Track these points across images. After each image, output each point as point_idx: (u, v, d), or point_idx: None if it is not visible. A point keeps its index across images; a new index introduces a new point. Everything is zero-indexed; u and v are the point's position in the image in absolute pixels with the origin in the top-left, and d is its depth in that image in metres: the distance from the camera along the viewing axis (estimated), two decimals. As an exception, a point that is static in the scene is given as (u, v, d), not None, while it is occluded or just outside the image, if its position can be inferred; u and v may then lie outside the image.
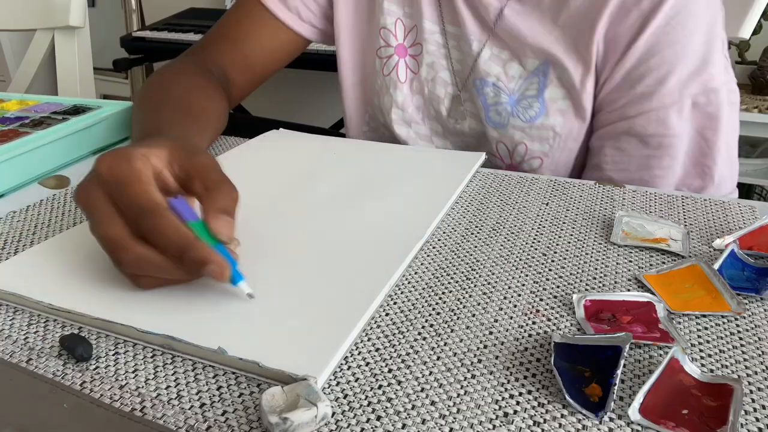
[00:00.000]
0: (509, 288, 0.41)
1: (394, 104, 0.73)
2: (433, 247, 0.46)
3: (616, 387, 0.30)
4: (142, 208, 0.36)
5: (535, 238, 0.47)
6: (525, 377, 0.33)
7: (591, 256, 0.45)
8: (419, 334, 0.36)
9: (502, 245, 0.46)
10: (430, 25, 0.70)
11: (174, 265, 0.36)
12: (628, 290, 0.40)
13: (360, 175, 0.57)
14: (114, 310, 0.37)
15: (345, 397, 0.32)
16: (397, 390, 0.32)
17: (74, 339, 0.35)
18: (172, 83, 0.66)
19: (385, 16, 0.71)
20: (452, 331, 0.37)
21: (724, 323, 0.37)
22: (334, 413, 0.31)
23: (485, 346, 0.35)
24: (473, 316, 0.38)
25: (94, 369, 0.34)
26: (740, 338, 0.36)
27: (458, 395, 0.32)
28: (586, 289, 0.41)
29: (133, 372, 0.34)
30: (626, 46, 0.61)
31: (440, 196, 0.53)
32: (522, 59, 0.65)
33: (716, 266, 0.42)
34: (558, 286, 0.41)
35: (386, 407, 0.31)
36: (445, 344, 0.35)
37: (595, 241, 0.47)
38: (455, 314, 0.38)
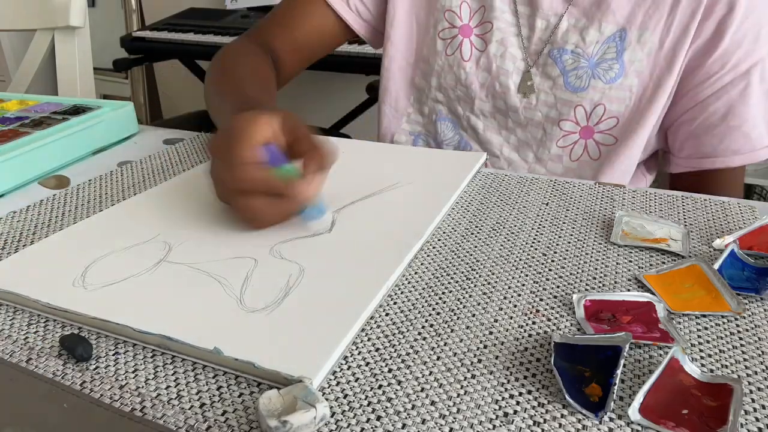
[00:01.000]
0: (509, 288, 0.41)
1: (458, 82, 0.75)
2: (433, 247, 0.46)
3: (616, 387, 0.30)
4: (253, 161, 0.45)
5: (535, 238, 0.47)
6: (525, 377, 0.33)
7: (591, 256, 0.45)
8: (419, 334, 0.36)
9: (502, 245, 0.46)
10: (501, 5, 0.72)
11: (280, 202, 0.46)
12: (628, 290, 0.40)
13: (360, 175, 0.57)
14: (111, 309, 0.37)
15: (345, 397, 0.32)
16: (397, 390, 0.32)
17: (74, 339, 0.35)
18: (241, 63, 0.74)
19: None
20: (452, 331, 0.37)
21: (724, 323, 0.37)
22: (333, 413, 0.31)
23: (485, 346, 0.35)
24: (473, 316, 0.38)
25: (94, 369, 0.34)
26: (740, 338, 0.36)
27: (458, 395, 0.32)
28: (586, 289, 0.41)
29: (133, 372, 0.34)
30: (729, 5, 0.63)
31: (440, 196, 0.53)
32: (601, 25, 0.68)
33: (716, 266, 0.42)
34: (558, 286, 0.41)
35: (386, 407, 0.31)
36: (445, 344, 0.35)
37: (595, 241, 0.47)
38: (455, 314, 0.38)
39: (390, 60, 0.80)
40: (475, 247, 0.46)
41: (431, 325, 0.37)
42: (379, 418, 0.30)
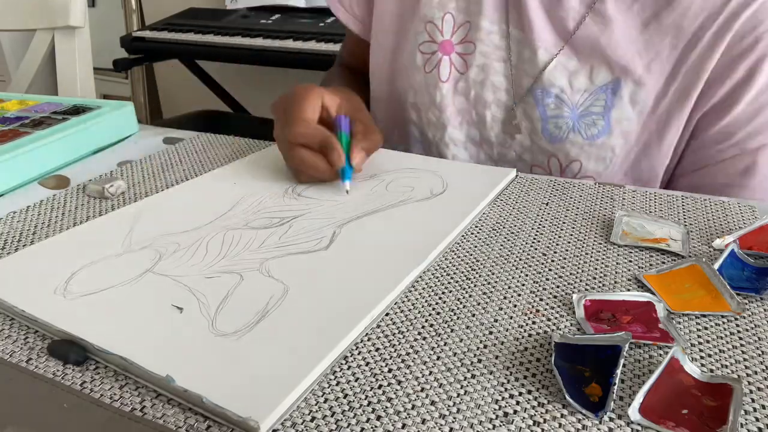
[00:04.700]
0: (509, 288, 0.41)
1: (433, 104, 0.69)
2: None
3: (615, 387, 0.30)
4: (300, 118, 0.54)
5: (535, 238, 0.47)
6: (525, 377, 0.33)
7: (591, 256, 0.45)
8: (419, 334, 0.36)
9: (502, 245, 0.46)
10: (489, 25, 0.65)
11: (319, 161, 0.53)
12: (628, 290, 0.40)
13: (370, 187, 0.54)
14: (81, 322, 0.36)
15: (345, 397, 0.32)
16: (397, 390, 0.32)
17: (63, 346, 0.34)
18: (337, 77, 0.83)
19: (433, 9, 0.67)
20: (452, 331, 0.37)
21: (724, 323, 0.37)
22: (333, 413, 0.31)
23: (485, 346, 0.35)
24: (473, 316, 0.38)
25: (94, 369, 0.34)
26: (740, 338, 0.36)
27: (458, 395, 0.32)
28: (586, 289, 0.41)
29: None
30: (748, 73, 0.57)
31: (451, 217, 0.48)
32: (593, 72, 0.62)
33: (716, 266, 0.42)
34: (558, 286, 0.41)
35: (386, 407, 0.31)
36: (445, 344, 0.35)
37: (595, 241, 0.47)
38: (455, 314, 0.38)
39: (377, 68, 0.75)
40: (475, 247, 0.46)
41: (431, 325, 0.37)
42: (379, 418, 0.30)
